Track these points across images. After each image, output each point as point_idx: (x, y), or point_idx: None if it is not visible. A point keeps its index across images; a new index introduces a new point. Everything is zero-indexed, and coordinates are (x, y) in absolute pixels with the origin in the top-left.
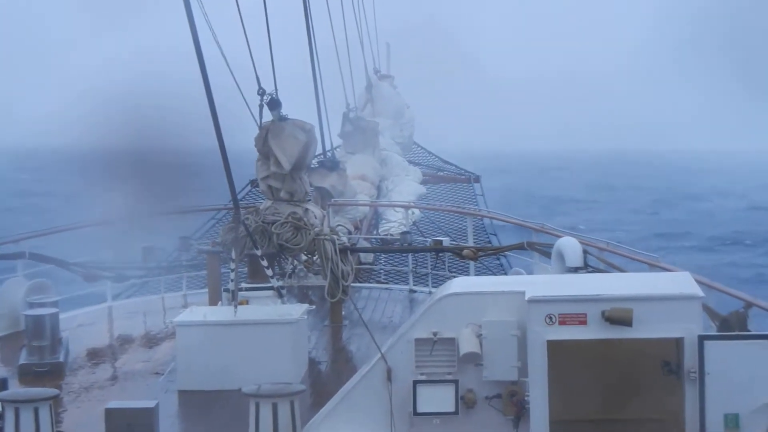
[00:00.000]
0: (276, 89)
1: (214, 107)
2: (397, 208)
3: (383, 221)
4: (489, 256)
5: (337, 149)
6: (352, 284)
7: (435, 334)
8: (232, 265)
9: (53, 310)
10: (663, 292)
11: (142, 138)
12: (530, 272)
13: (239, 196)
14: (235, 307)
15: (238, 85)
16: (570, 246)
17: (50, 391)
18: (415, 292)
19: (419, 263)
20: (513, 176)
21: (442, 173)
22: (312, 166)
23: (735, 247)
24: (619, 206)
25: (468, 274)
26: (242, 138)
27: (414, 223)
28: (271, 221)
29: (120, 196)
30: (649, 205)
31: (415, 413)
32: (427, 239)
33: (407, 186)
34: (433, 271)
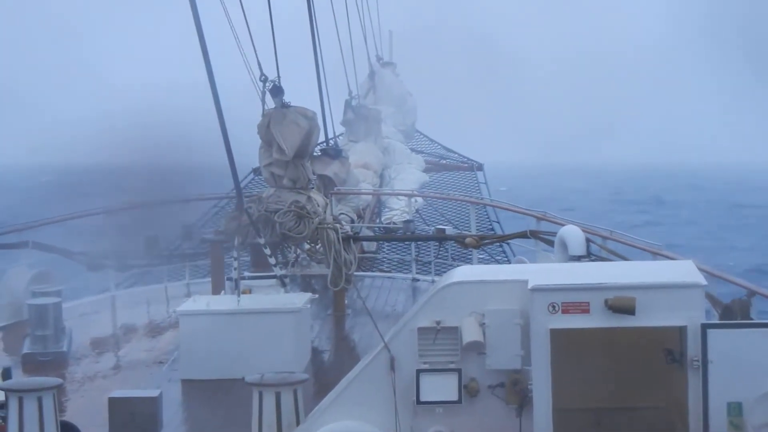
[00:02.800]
0: (278, 76)
1: (217, 93)
2: (399, 197)
3: (386, 209)
4: (492, 245)
5: (340, 137)
6: (355, 273)
7: (438, 322)
8: (235, 254)
9: (56, 300)
10: (666, 281)
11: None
12: (533, 260)
13: (242, 184)
14: (239, 296)
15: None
16: (573, 234)
17: (54, 381)
18: (418, 280)
19: (422, 252)
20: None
21: (444, 161)
22: (314, 154)
23: None
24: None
25: (471, 263)
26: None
27: (417, 212)
28: (274, 210)
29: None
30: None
31: (418, 402)
32: (430, 227)
33: (410, 174)
34: (436, 260)
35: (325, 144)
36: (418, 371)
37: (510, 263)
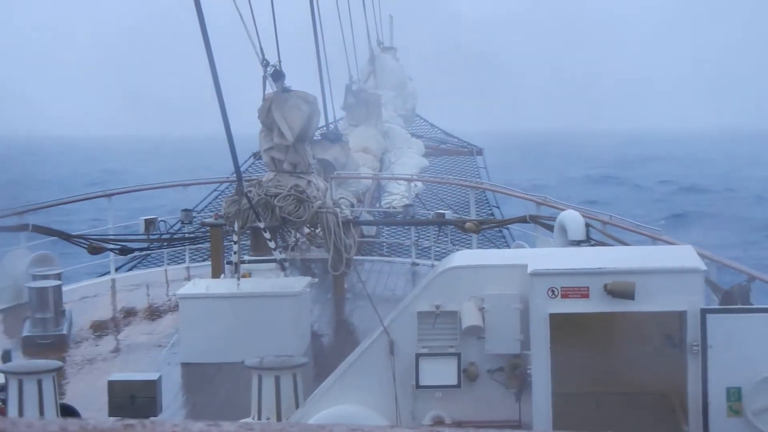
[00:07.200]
0: (279, 61)
1: (218, 79)
2: (399, 181)
3: (386, 194)
4: (491, 229)
5: (340, 121)
6: (355, 257)
7: (437, 307)
8: (235, 238)
9: (56, 283)
10: (665, 266)
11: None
12: (533, 245)
13: (242, 169)
14: (238, 279)
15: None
16: (572, 219)
17: (53, 363)
18: (417, 265)
19: (422, 236)
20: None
21: (444, 146)
22: (315, 138)
23: None
24: None
25: (470, 247)
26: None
27: (416, 196)
28: (274, 194)
29: None
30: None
31: (418, 386)
32: (430, 212)
33: (410, 158)
34: (436, 244)
35: (325, 128)
36: (418, 355)
37: (509, 248)
